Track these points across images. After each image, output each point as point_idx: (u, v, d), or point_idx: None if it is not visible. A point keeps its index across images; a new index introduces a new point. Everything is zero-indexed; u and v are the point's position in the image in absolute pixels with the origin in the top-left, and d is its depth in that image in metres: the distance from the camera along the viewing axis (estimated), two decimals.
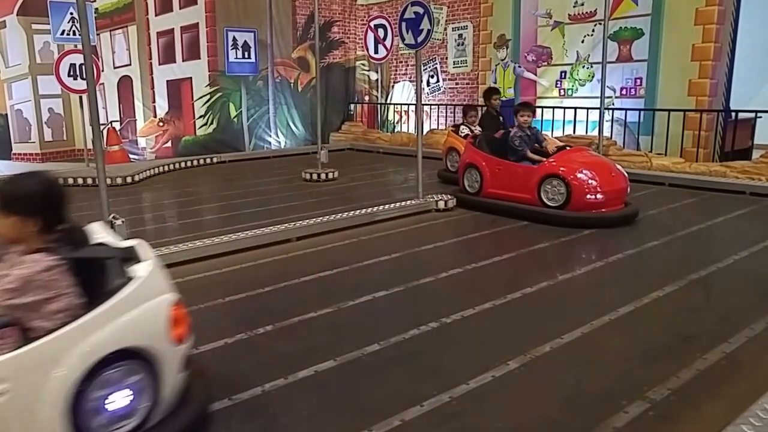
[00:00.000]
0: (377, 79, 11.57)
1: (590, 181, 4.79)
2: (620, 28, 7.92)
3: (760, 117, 7.14)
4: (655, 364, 2.48)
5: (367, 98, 11.87)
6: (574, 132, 8.14)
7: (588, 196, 4.78)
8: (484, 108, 7.00)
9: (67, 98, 10.90)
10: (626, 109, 7.88)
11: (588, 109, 8.01)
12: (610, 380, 2.36)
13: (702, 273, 3.58)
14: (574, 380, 2.36)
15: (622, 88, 8.06)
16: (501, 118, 6.80)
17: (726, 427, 1.85)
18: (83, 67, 5.69)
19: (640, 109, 7.76)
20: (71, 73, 7.44)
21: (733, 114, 7.19)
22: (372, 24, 9.83)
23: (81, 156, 9.41)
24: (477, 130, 6.65)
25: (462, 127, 6.99)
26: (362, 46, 10.87)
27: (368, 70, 11.75)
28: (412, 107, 10.28)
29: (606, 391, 2.27)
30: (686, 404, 2.15)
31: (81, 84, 7.49)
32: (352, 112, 11.63)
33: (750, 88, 8.33)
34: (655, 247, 4.20)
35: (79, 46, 4.02)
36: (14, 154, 11.46)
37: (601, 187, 4.79)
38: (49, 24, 7.58)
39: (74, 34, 7.44)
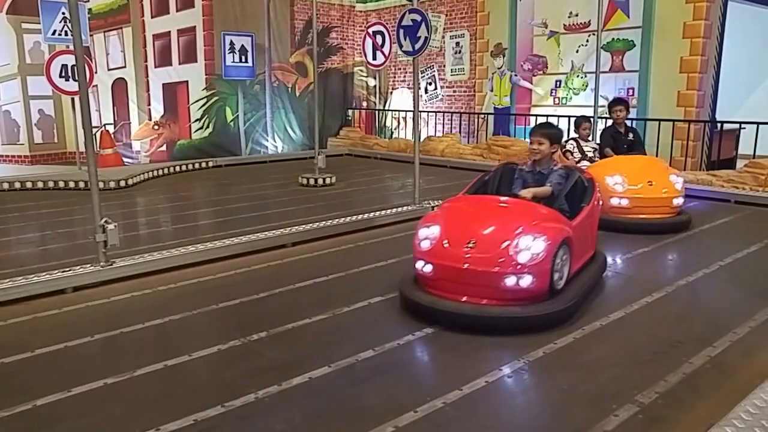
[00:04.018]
0: (375, 86, 11.59)
1: (421, 243, 3.10)
2: (613, 39, 8.05)
3: (744, 128, 7.32)
4: (643, 368, 2.53)
5: (365, 104, 11.89)
6: (567, 138, 8.17)
7: (416, 264, 3.12)
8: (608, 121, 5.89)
9: (59, 100, 10.78)
10: (609, 117, 7.92)
11: (577, 117, 8.06)
12: (601, 384, 2.41)
13: (689, 279, 3.66)
14: (566, 385, 2.40)
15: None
16: (632, 135, 5.62)
17: (710, 429, 1.91)
18: (75, 68, 5.62)
19: (632, 119, 7.82)
20: (63, 74, 7.34)
21: (719, 125, 7.37)
22: (370, 30, 9.86)
23: (72, 159, 9.32)
24: (593, 146, 5.66)
25: (570, 142, 5.73)
26: (360, 52, 10.89)
27: (366, 77, 11.77)
28: (410, 114, 10.30)
29: (597, 395, 2.32)
30: (673, 407, 2.21)
31: (73, 85, 7.40)
32: (349, 118, 11.64)
33: (735, 100, 8.58)
34: (644, 253, 4.27)
35: (71, 47, 3.97)
36: (1, 156, 11.32)
37: (428, 256, 3.02)
38: (39, 23, 7.48)
39: (66, 34, 7.33)
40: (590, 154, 5.57)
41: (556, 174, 3.40)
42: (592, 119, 6.12)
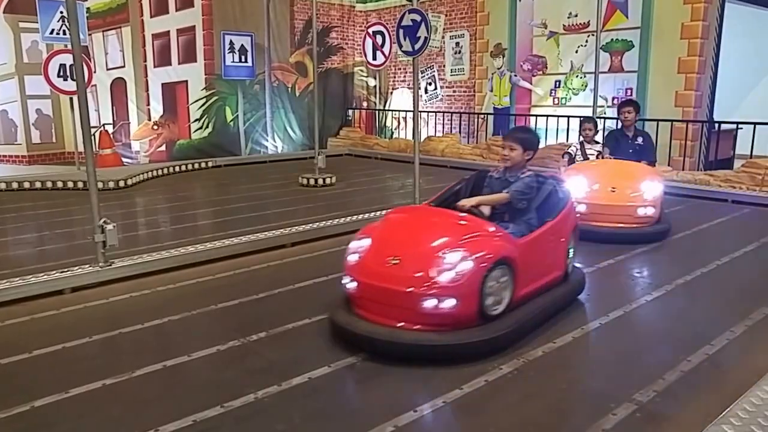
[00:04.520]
0: (375, 86, 11.57)
1: (348, 257, 2.85)
2: (612, 39, 8.07)
3: (741, 128, 7.36)
4: (641, 366, 2.55)
5: (365, 104, 11.88)
6: (567, 140, 8.18)
7: (343, 280, 2.87)
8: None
9: (57, 99, 10.74)
10: (618, 119, 7.93)
11: (581, 117, 8.08)
12: (600, 383, 2.43)
13: (687, 278, 3.68)
14: (565, 384, 2.42)
15: (614, 98, 8.14)
16: (641, 140, 5.23)
17: (707, 427, 1.92)
18: (73, 67, 5.59)
19: None
20: (61, 74, 7.30)
21: (717, 125, 7.40)
22: (370, 30, 9.86)
23: (71, 159, 9.30)
24: (597, 149, 5.42)
25: (572, 147, 5.57)
26: (360, 52, 10.88)
27: (366, 77, 11.76)
28: (410, 114, 10.29)
29: (595, 393, 2.34)
30: (671, 405, 2.22)
31: (71, 85, 7.38)
32: (350, 118, 11.63)
33: (732, 100, 8.62)
34: (644, 252, 4.28)
35: (70, 46, 3.95)
36: None
37: (353, 272, 2.78)
38: (37, 22, 7.45)
39: (64, 33, 7.29)
40: (592, 158, 5.43)
41: (521, 182, 3.05)
42: (594, 120, 5.89)
